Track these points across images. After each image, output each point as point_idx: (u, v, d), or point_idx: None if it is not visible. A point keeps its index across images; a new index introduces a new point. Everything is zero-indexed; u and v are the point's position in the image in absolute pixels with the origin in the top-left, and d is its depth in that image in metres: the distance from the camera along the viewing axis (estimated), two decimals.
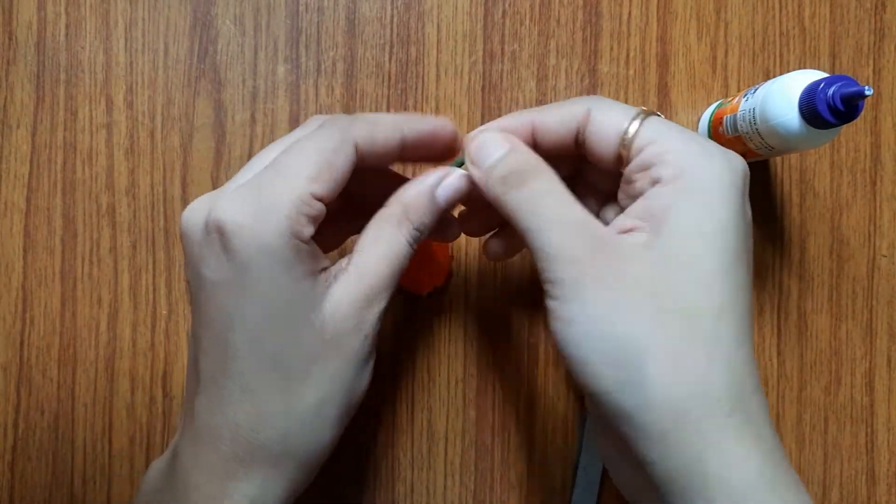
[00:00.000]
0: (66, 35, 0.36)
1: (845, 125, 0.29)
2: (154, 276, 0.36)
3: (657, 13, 0.37)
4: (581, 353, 0.23)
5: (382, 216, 0.26)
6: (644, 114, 0.25)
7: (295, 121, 0.36)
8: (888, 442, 0.37)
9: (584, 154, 0.27)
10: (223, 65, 0.36)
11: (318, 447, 0.25)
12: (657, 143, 0.24)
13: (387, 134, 0.26)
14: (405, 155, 0.27)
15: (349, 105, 0.37)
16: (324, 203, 0.25)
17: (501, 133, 0.26)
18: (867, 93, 0.26)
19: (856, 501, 0.37)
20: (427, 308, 0.36)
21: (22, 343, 0.36)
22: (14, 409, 0.35)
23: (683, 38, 0.38)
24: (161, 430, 0.36)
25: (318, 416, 0.25)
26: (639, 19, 0.37)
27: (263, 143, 0.36)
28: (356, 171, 0.26)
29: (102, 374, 0.36)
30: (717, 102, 0.36)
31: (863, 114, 0.35)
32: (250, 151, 0.36)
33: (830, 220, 0.38)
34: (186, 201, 0.36)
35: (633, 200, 0.25)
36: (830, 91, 0.28)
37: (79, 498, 0.35)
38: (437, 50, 0.37)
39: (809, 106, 0.28)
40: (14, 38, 0.36)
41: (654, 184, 0.24)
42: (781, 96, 0.30)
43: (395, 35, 0.37)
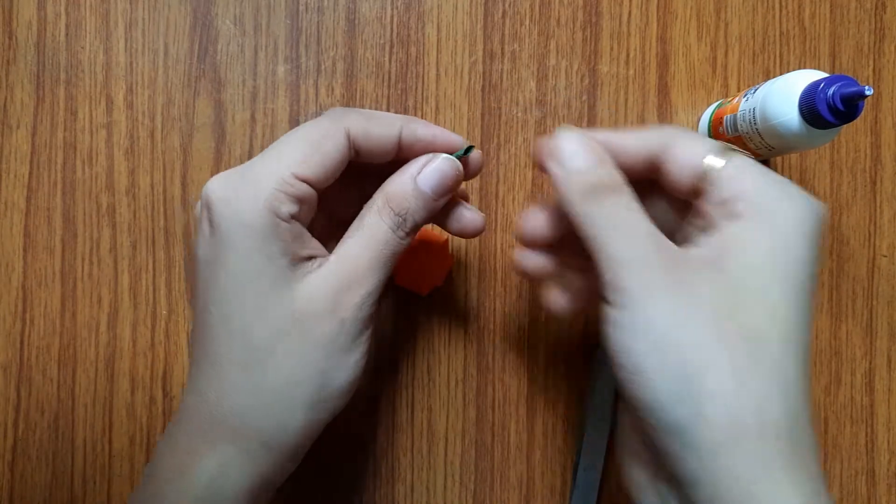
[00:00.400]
0: (66, 35, 0.36)
1: (845, 125, 0.29)
2: (154, 276, 0.36)
3: (657, 13, 0.37)
4: (636, 362, 0.22)
5: (367, 205, 0.27)
6: (727, 150, 0.25)
7: (295, 121, 0.36)
8: (888, 442, 0.37)
9: (655, 180, 0.26)
10: (223, 65, 0.36)
11: (286, 430, 0.25)
12: (739, 180, 0.24)
13: (382, 129, 0.26)
14: (404, 155, 0.27)
15: (349, 105, 0.37)
16: (312, 186, 0.25)
17: (592, 140, 0.26)
18: (867, 93, 0.26)
19: (856, 501, 0.37)
20: (427, 308, 0.36)
21: (22, 343, 0.36)
22: (14, 409, 0.35)
23: (683, 38, 0.38)
24: (161, 430, 0.36)
25: (283, 396, 0.25)
26: (639, 19, 0.37)
27: (263, 142, 0.36)
28: (365, 172, 0.26)
29: (102, 374, 0.36)
30: (717, 102, 0.36)
31: (863, 114, 0.35)
32: (250, 151, 0.36)
33: (830, 220, 0.38)
34: (186, 201, 0.36)
35: (702, 231, 0.25)
36: (830, 91, 0.28)
37: (79, 498, 0.35)
38: (437, 50, 0.37)
39: (809, 106, 0.28)
40: (14, 38, 0.36)
41: (731, 217, 0.24)
42: (781, 96, 0.30)
43: (395, 35, 0.37)
